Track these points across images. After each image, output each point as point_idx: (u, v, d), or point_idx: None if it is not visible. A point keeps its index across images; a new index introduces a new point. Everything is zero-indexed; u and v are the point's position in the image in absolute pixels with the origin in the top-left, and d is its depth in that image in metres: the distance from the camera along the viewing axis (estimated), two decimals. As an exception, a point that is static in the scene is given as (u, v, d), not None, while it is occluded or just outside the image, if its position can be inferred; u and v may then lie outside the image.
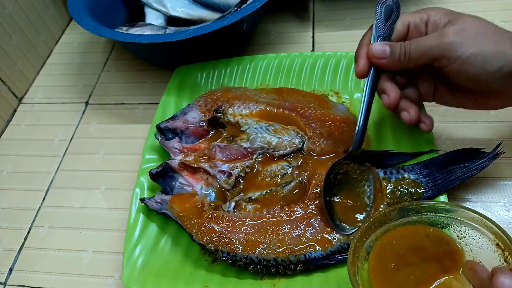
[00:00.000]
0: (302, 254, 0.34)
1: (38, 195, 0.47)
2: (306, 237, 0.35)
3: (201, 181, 0.41)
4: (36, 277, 0.41)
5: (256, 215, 0.37)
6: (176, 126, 0.44)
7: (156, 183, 0.41)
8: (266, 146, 0.41)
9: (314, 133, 0.41)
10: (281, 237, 0.35)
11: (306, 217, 0.36)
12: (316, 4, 0.61)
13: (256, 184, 0.40)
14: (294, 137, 0.41)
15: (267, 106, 0.43)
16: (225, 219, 0.36)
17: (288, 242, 0.35)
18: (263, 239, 0.35)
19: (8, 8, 0.54)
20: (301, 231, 0.35)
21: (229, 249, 0.35)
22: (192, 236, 0.36)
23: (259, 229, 0.36)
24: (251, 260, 0.35)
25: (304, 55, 0.49)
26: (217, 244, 0.35)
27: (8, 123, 0.55)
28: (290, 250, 0.34)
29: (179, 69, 0.50)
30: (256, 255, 0.35)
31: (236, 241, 0.35)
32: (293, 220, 0.36)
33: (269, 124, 0.42)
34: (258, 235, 0.35)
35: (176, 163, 0.41)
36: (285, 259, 0.34)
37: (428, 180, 0.37)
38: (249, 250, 0.35)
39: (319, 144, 0.40)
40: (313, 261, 0.34)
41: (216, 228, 0.36)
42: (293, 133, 0.42)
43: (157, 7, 0.58)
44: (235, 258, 0.35)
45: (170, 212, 0.38)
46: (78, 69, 0.60)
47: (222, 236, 0.35)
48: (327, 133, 0.41)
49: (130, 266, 0.37)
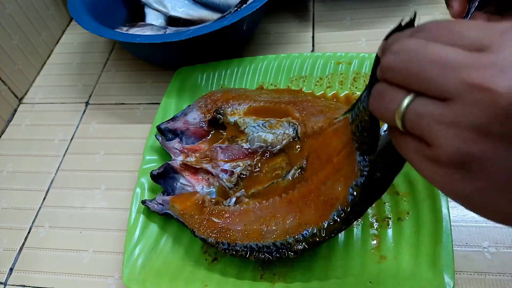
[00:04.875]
0: (299, 234, 0.33)
1: (38, 195, 0.47)
2: (302, 215, 0.34)
3: (202, 182, 0.41)
4: (36, 277, 0.41)
5: (256, 205, 0.37)
6: (177, 127, 0.44)
7: (157, 184, 0.41)
8: (264, 145, 0.41)
9: (304, 115, 0.40)
10: (278, 221, 0.34)
11: (302, 198, 0.35)
12: (316, 4, 0.61)
13: (258, 181, 0.40)
14: (287, 128, 0.41)
15: (265, 104, 0.43)
16: (225, 212, 0.36)
17: (285, 225, 0.34)
18: (261, 226, 0.35)
19: (8, 8, 0.54)
20: (297, 212, 0.34)
21: (229, 239, 0.35)
22: (194, 231, 0.36)
23: (258, 218, 0.35)
24: (251, 248, 0.34)
25: (304, 56, 0.49)
26: (217, 237, 0.35)
27: (8, 123, 0.55)
28: (288, 232, 0.34)
29: (179, 71, 0.50)
30: (255, 243, 0.34)
31: (235, 232, 0.35)
32: (289, 202, 0.35)
33: (265, 120, 0.42)
34: (257, 223, 0.35)
35: (177, 164, 0.41)
36: (284, 242, 0.34)
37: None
38: (248, 239, 0.34)
39: (310, 124, 0.39)
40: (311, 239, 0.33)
41: (216, 221, 0.36)
42: (286, 124, 0.41)
43: (157, 7, 0.58)
44: (235, 248, 0.35)
45: (171, 212, 0.38)
46: (78, 69, 0.60)
47: (222, 228, 0.35)
48: (316, 112, 0.40)
49: (130, 266, 0.37)
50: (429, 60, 0.18)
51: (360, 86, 0.47)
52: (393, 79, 0.20)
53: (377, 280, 0.33)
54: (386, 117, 0.20)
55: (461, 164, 0.17)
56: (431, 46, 0.18)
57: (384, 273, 0.34)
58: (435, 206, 0.36)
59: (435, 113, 0.18)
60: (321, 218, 0.32)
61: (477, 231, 0.38)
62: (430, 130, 0.18)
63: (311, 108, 0.41)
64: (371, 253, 0.35)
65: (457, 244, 0.37)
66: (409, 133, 0.19)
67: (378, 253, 0.35)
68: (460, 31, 0.18)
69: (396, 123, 0.19)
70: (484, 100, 0.16)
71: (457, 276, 0.35)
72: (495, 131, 0.16)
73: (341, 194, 0.31)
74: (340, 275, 0.34)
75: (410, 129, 0.19)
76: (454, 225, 0.38)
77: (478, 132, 0.16)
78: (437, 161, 0.18)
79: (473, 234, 0.37)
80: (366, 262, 0.35)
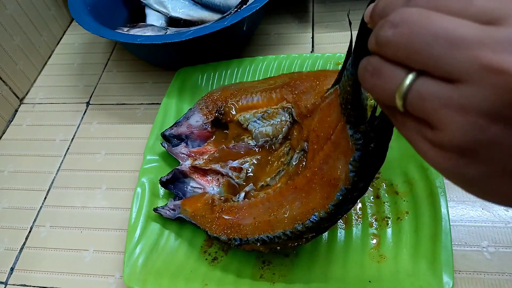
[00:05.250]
0: (307, 220, 0.32)
1: (39, 194, 0.48)
2: (308, 200, 0.33)
3: (212, 182, 0.41)
4: (37, 276, 0.41)
5: (264, 196, 0.36)
6: (181, 131, 0.44)
7: (167, 189, 0.41)
8: (268, 138, 0.41)
9: (296, 95, 0.39)
10: (285, 209, 0.34)
11: (307, 182, 0.34)
12: (316, 5, 0.61)
13: (266, 173, 0.40)
14: (283, 114, 0.40)
15: (261, 93, 0.43)
16: (234, 208, 0.36)
17: (292, 212, 0.33)
18: (269, 217, 0.34)
19: (9, 9, 0.54)
20: (303, 197, 0.33)
21: (240, 234, 0.35)
22: (207, 232, 0.36)
23: (266, 209, 0.35)
24: (262, 240, 0.34)
25: (303, 56, 0.49)
26: (229, 233, 0.35)
27: (9, 123, 0.56)
28: (296, 219, 0.33)
29: (179, 71, 0.51)
30: (266, 234, 0.34)
31: (245, 226, 0.35)
32: (294, 189, 0.34)
33: (262, 112, 0.42)
34: (266, 214, 0.35)
35: (186, 168, 0.41)
36: (293, 231, 0.33)
37: None
38: (259, 231, 0.34)
39: (302, 104, 0.38)
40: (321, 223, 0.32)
41: (227, 218, 0.36)
42: (281, 110, 0.40)
43: (157, 8, 0.59)
44: (248, 242, 0.35)
45: (184, 215, 0.38)
46: (79, 69, 0.61)
47: (233, 224, 0.35)
48: (306, 88, 0.39)
49: (130, 265, 0.37)
50: (435, 34, 0.16)
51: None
52: (393, 56, 0.17)
53: (377, 279, 0.34)
54: (384, 96, 0.18)
55: (467, 150, 0.16)
56: (436, 17, 0.16)
57: (384, 272, 0.34)
58: (434, 206, 0.36)
59: (442, 96, 0.16)
60: (328, 200, 0.31)
61: (476, 230, 0.38)
62: (435, 113, 0.16)
63: (301, 86, 0.39)
64: (370, 253, 0.36)
65: (456, 243, 0.37)
66: (410, 113, 0.18)
67: (378, 252, 0.35)
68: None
69: (396, 104, 0.18)
70: (499, 84, 0.14)
71: (456, 275, 0.35)
72: (508, 117, 0.15)
73: (342, 173, 0.30)
74: (340, 274, 0.35)
75: (412, 110, 0.17)
76: (453, 225, 0.38)
77: (489, 117, 0.15)
78: (441, 145, 0.17)
79: (472, 233, 0.38)
80: (365, 262, 0.35)
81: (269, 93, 0.42)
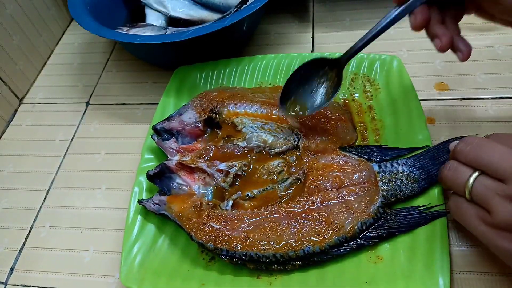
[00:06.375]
0: (300, 249, 0.34)
1: (39, 195, 0.48)
2: (304, 232, 0.35)
3: (198, 181, 0.41)
4: (37, 276, 0.41)
5: (254, 212, 0.37)
6: (172, 126, 0.44)
7: (153, 184, 0.41)
8: (262, 145, 0.41)
9: (309, 130, 0.42)
10: (279, 233, 0.35)
11: (304, 213, 0.36)
12: (316, 5, 0.61)
13: (253, 182, 0.40)
14: (290, 135, 0.42)
15: (262, 105, 0.44)
16: (223, 218, 0.37)
17: (286, 238, 0.35)
18: (261, 236, 0.35)
19: (9, 9, 0.54)
20: (299, 226, 0.35)
21: (228, 247, 0.35)
22: (191, 235, 0.37)
23: (257, 226, 0.36)
24: (250, 257, 0.35)
25: (303, 55, 0.49)
26: (216, 243, 0.35)
27: (9, 123, 0.56)
28: (289, 245, 0.35)
29: (178, 70, 0.51)
30: (255, 252, 0.35)
31: (234, 239, 0.35)
32: (290, 216, 0.36)
33: (264, 122, 0.43)
34: (257, 232, 0.35)
35: (173, 164, 0.41)
36: (284, 255, 0.35)
37: (422, 172, 0.37)
38: (248, 247, 0.35)
39: (314, 141, 0.41)
40: (312, 256, 0.35)
41: (215, 226, 0.36)
42: (289, 130, 0.42)
43: (157, 7, 0.59)
44: (234, 255, 0.35)
45: (168, 213, 0.38)
46: (78, 69, 0.61)
47: (221, 234, 0.36)
48: (321, 130, 0.42)
49: (128, 265, 0.37)
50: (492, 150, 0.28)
51: (358, 87, 0.47)
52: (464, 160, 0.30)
53: (373, 280, 0.33)
54: (456, 186, 0.30)
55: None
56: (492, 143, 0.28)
57: (380, 273, 0.34)
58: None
59: (496, 188, 0.27)
60: (326, 239, 0.35)
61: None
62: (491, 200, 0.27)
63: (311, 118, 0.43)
64: (367, 254, 0.36)
65: (457, 243, 0.37)
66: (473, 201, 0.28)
67: (374, 253, 0.35)
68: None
69: (465, 192, 0.29)
70: None
71: (457, 275, 0.35)
72: None
73: (349, 224, 0.35)
74: (337, 275, 0.35)
75: (475, 197, 0.28)
76: (453, 225, 0.38)
77: None
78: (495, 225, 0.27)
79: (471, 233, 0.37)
80: (362, 262, 0.35)
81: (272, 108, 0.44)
